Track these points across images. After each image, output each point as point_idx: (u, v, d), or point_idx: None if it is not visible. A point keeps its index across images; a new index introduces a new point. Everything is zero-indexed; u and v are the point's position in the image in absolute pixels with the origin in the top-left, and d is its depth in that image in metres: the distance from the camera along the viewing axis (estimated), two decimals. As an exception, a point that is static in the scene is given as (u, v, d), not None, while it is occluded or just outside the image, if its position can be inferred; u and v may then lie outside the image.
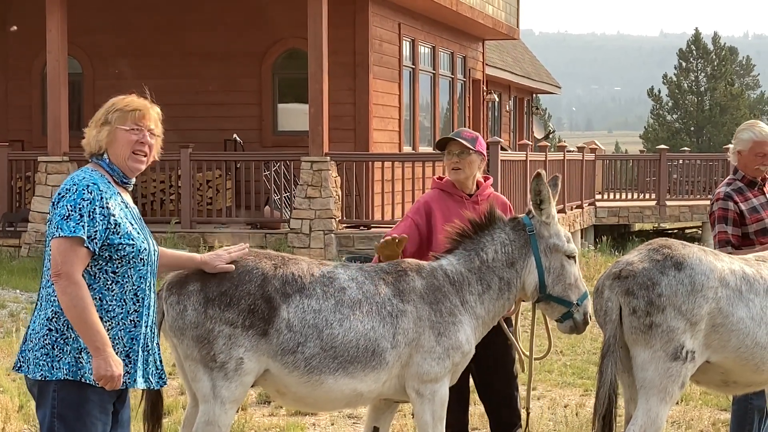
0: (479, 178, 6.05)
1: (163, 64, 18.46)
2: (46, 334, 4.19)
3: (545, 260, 5.38)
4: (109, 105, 4.40)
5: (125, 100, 4.44)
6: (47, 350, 4.18)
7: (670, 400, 5.20)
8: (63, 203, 4.17)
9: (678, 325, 5.14)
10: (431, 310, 5.13)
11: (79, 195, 4.18)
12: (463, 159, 5.91)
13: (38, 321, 4.23)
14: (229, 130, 17.76)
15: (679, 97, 63.59)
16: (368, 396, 5.13)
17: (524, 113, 34.75)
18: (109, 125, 4.35)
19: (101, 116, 4.38)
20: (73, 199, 4.17)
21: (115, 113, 4.37)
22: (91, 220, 4.16)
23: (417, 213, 5.93)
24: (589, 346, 10.59)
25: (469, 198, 5.96)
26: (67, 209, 4.15)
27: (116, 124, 4.36)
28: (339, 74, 17.31)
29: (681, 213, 24.51)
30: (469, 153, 5.90)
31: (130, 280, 4.28)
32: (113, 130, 4.34)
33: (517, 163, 18.06)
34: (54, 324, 4.19)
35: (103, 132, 4.33)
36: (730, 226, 6.30)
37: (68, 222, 4.13)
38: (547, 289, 5.37)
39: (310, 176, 15.95)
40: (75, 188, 4.20)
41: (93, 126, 4.37)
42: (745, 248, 6.27)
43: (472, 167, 5.93)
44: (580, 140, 33.65)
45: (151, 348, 4.39)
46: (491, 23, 23.10)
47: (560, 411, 8.09)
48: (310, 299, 4.96)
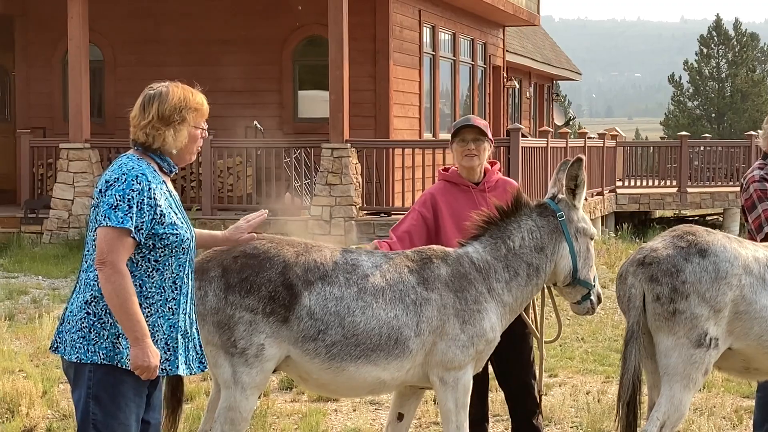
0: (486, 165, 6.02)
1: (183, 50, 18.48)
2: (83, 318, 4.23)
3: (576, 244, 5.37)
4: (179, 101, 4.36)
5: (196, 98, 4.42)
6: (84, 333, 4.22)
7: (694, 387, 5.19)
8: (112, 192, 4.19)
9: (702, 312, 5.13)
10: (456, 298, 5.11)
11: (128, 185, 4.19)
12: (478, 146, 5.89)
13: (76, 304, 4.27)
14: (249, 117, 17.77)
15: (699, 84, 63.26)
16: (391, 384, 5.12)
17: (544, 100, 34.65)
18: (186, 124, 4.35)
19: (173, 114, 4.33)
20: (122, 188, 4.18)
21: (190, 112, 4.36)
22: (139, 211, 4.19)
23: (423, 205, 5.88)
24: (610, 333, 10.57)
25: (476, 186, 5.93)
26: (115, 199, 4.17)
27: (192, 124, 4.38)
28: (359, 61, 17.29)
29: (702, 200, 24.41)
30: (483, 140, 5.89)
31: (170, 269, 4.31)
32: (189, 129, 4.37)
33: (538, 150, 18.02)
34: (92, 308, 4.23)
35: (183, 132, 4.34)
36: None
37: (116, 212, 4.16)
38: (578, 273, 5.37)
39: (330, 163, 15.95)
40: (124, 178, 4.21)
41: (162, 123, 4.32)
42: None
43: (485, 154, 5.92)
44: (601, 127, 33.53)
45: (190, 334, 4.41)
46: (512, 9, 23.03)
47: (582, 397, 8.08)
48: (332, 286, 4.95)
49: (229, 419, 4.88)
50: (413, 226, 5.80)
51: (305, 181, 16.64)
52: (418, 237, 5.75)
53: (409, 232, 5.78)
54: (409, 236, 5.75)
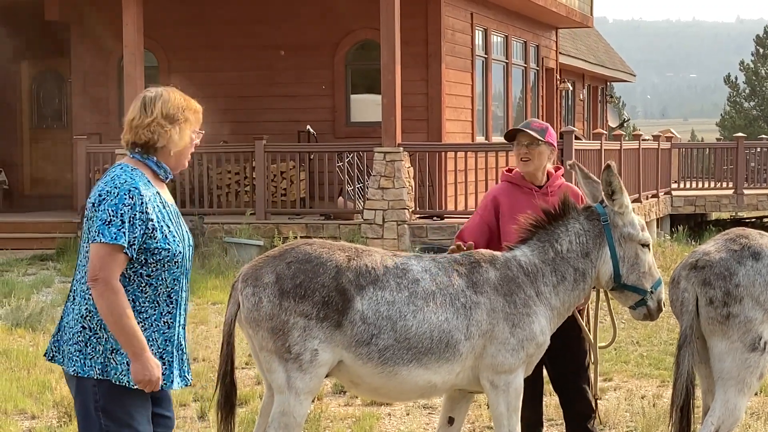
0: (550, 169, 6.02)
1: (236, 56, 18.62)
2: (79, 332, 4.23)
3: (620, 249, 5.34)
4: (181, 102, 4.33)
5: (195, 103, 4.40)
6: (80, 347, 4.22)
7: (749, 392, 5.14)
8: (104, 206, 4.15)
9: (756, 316, 5.08)
10: (505, 302, 5.12)
11: (121, 200, 4.14)
12: (533, 150, 5.88)
13: (72, 316, 4.27)
14: (302, 122, 17.87)
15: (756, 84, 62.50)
16: (442, 387, 5.13)
17: (598, 102, 34.43)
18: (189, 125, 4.33)
19: (177, 112, 4.29)
20: (114, 203, 4.14)
21: (191, 113, 4.34)
22: (131, 226, 4.15)
23: (485, 209, 5.91)
24: (665, 337, 10.49)
25: (539, 189, 5.93)
26: (108, 214, 4.13)
27: (194, 126, 4.36)
28: (411, 65, 17.31)
29: (759, 201, 24.10)
30: (539, 144, 5.88)
31: (164, 283, 4.28)
32: (191, 132, 4.35)
33: (592, 152, 17.91)
34: (87, 323, 4.22)
35: (186, 132, 4.32)
36: None
37: (110, 228, 4.12)
38: (622, 279, 5.34)
39: (383, 167, 15.98)
40: (117, 192, 4.16)
41: (167, 120, 4.26)
42: None
43: (541, 158, 5.91)
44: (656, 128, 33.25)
45: (183, 346, 4.42)
46: (564, 11, 22.92)
47: (637, 402, 8.03)
48: (383, 291, 4.97)
49: (283, 424, 4.90)
50: (474, 230, 5.84)
51: (358, 185, 16.68)
52: (481, 241, 5.79)
53: (472, 235, 5.83)
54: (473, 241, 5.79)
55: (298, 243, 5.16)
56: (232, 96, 18.50)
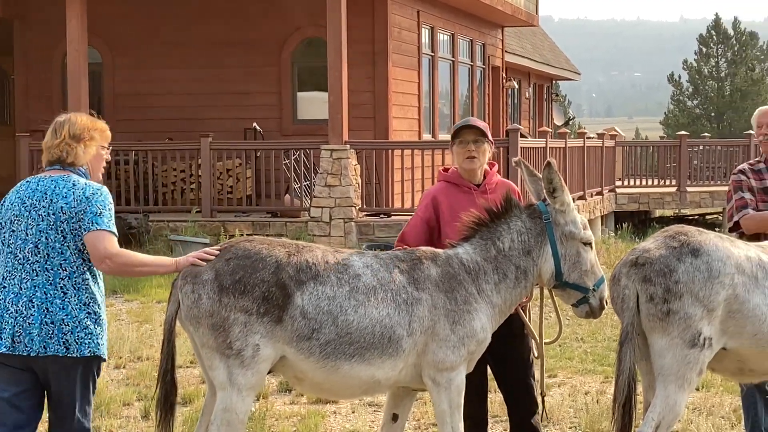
0: (485, 167, 6.03)
1: (182, 53, 18.50)
2: (85, 317, 4.82)
3: (561, 247, 5.37)
4: (87, 123, 5.00)
5: (100, 123, 5.07)
6: (90, 330, 4.83)
7: (689, 387, 5.20)
8: (94, 202, 4.82)
9: (695, 312, 5.13)
10: (446, 299, 5.14)
11: (106, 197, 4.88)
12: (479, 147, 5.90)
13: (71, 307, 4.80)
14: (249, 119, 17.79)
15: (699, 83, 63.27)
16: (385, 383, 5.15)
17: (544, 100, 34.66)
18: (94, 142, 5.00)
19: (83, 132, 4.96)
20: (101, 200, 4.85)
21: (97, 132, 5.02)
22: (116, 219, 4.92)
23: (425, 210, 5.89)
24: (609, 333, 10.59)
25: (477, 188, 5.94)
26: (98, 207, 4.82)
27: (99, 142, 5.03)
28: (358, 62, 17.31)
29: (701, 199, 24.40)
30: (483, 141, 5.90)
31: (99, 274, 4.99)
32: (97, 147, 5.02)
33: (537, 150, 18.03)
34: (91, 308, 4.86)
35: (92, 148, 4.99)
36: (746, 193, 6.45)
37: (101, 218, 4.81)
38: (564, 276, 5.37)
39: (329, 164, 15.97)
40: (100, 192, 4.88)
41: (74, 140, 4.93)
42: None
43: (485, 156, 5.93)
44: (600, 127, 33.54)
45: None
46: (510, 10, 23.04)
47: (581, 398, 8.09)
48: (324, 286, 4.97)
49: (226, 421, 4.89)
50: (415, 231, 5.83)
51: (304, 183, 16.66)
52: (421, 241, 5.76)
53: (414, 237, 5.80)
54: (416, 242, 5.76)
55: (238, 240, 5.15)
56: (177, 93, 18.39)
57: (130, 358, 9.38)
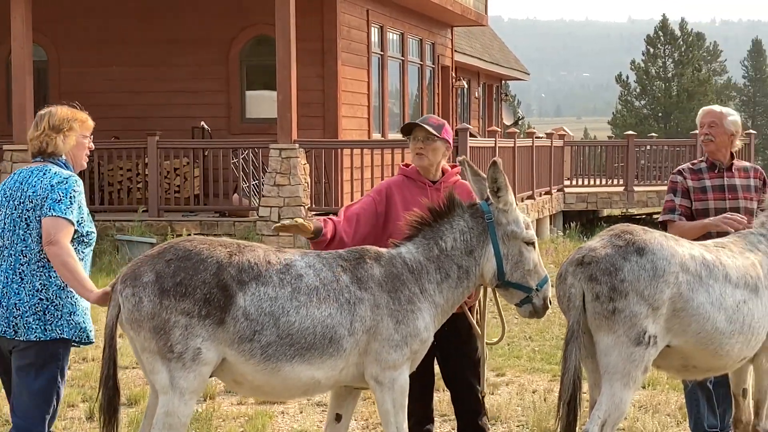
0: (446, 166, 6.04)
1: (129, 51, 18.35)
2: (36, 303, 5.09)
3: (503, 247, 5.37)
4: (66, 114, 5.25)
5: (81, 114, 5.30)
6: (39, 316, 5.09)
7: (634, 385, 5.22)
8: (57, 190, 5.08)
9: (640, 310, 5.16)
10: (389, 298, 5.12)
11: (71, 186, 5.10)
12: (428, 145, 5.89)
13: (24, 293, 5.08)
14: (196, 118, 17.66)
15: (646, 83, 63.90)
16: (326, 383, 5.12)
17: (493, 100, 34.79)
18: (74, 132, 5.23)
19: (62, 123, 5.21)
20: (65, 188, 5.09)
21: (77, 122, 5.25)
22: (79, 207, 5.13)
23: (378, 193, 5.90)
24: (557, 332, 10.63)
25: (433, 185, 5.95)
26: (59, 195, 5.06)
27: (79, 132, 5.26)
28: (307, 61, 17.25)
29: (648, 198, 24.62)
30: (434, 140, 5.89)
31: (86, 259, 5.26)
32: (77, 136, 5.25)
33: (486, 150, 18.08)
34: (44, 294, 5.10)
35: (71, 138, 5.23)
36: (678, 197, 6.61)
37: (60, 205, 5.05)
38: (506, 276, 5.36)
39: (278, 164, 15.90)
40: (67, 180, 5.11)
41: (53, 131, 5.19)
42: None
43: (436, 154, 5.92)
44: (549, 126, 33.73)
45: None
46: (460, 9, 23.09)
47: (528, 396, 8.12)
48: (266, 287, 4.92)
49: (168, 425, 4.83)
50: (363, 210, 5.82)
51: (253, 182, 16.57)
52: (365, 222, 5.77)
53: (359, 214, 5.80)
54: (357, 218, 5.78)
55: (178, 240, 5.08)
56: (124, 91, 18.22)
57: (74, 359, 9.26)
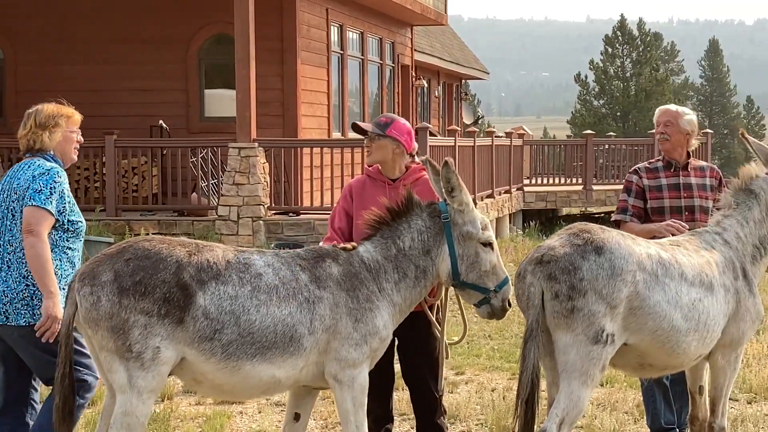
0: (410, 164, 6.03)
1: (87, 49, 18.20)
2: (24, 289, 5.35)
3: (459, 247, 5.37)
4: (52, 111, 5.50)
5: (66, 109, 5.54)
6: (27, 301, 5.35)
7: (592, 383, 5.24)
8: (38, 181, 5.32)
9: (599, 309, 5.18)
10: (348, 297, 5.14)
11: (52, 177, 5.34)
12: (373, 143, 5.91)
13: (11, 280, 5.36)
14: (154, 117, 17.54)
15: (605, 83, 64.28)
16: (286, 382, 5.12)
17: (453, 99, 34.86)
18: (59, 128, 5.48)
19: (48, 120, 5.46)
20: (46, 179, 5.33)
21: (62, 118, 5.50)
22: (60, 197, 5.34)
23: (344, 200, 5.97)
24: (516, 330, 10.66)
25: (392, 183, 5.94)
26: (40, 185, 5.31)
27: (65, 127, 5.50)
28: (266, 60, 17.18)
29: (607, 197, 24.77)
30: (379, 138, 5.89)
31: (76, 249, 5.48)
32: (63, 132, 5.49)
33: (446, 149, 18.10)
34: (30, 280, 5.33)
35: (57, 134, 5.48)
36: (631, 197, 6.70)
37: (40, 195, 5.29)
38: (461, 276, 5.37)
39: (237, 163, 15.83)
40: (48, 172, 5.35)
41: (39, 128, 5.45)
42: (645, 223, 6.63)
43: (382, 151, 5.92)
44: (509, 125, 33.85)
45: None
46: (419, 9, 23.10)
47: (487, 395, 8.13)
48: (226, 286, 4.93)
49: (126, 424, 4.81)
50: (341, 221, 5.89)
51: (212, 181, 16.49)
52: (347, 231, 5.85)
53: (341, 228, 5.87)
54: (341, 232, 5.86)
55: (137, 239, 5.07)
56: (82, 89, 18.02)
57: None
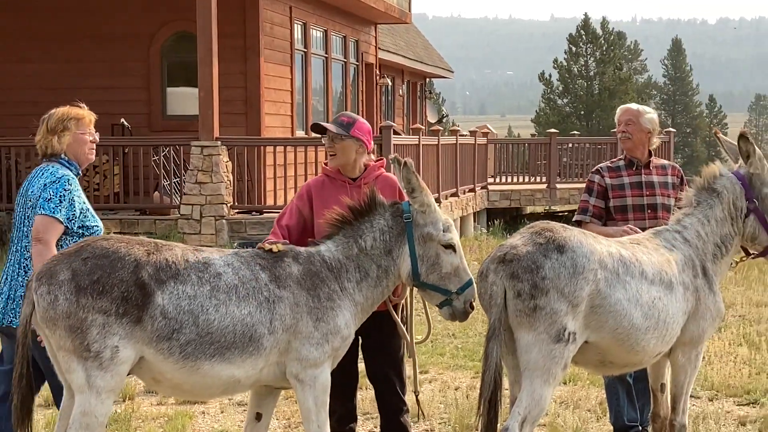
0: (369, 161, 5.99)
1: (48, 46, 18.05)
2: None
3: (419, 248, 5.36)
4: (62, 115, 5.60)
5: (77, 111, 5.63)
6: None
7: (554, 382, 5.24)
8: (48, 189, 5.45)
9: (561, 308, 5.18)
10: (308, 296, 5.12)
11: (62, 185, 5.46)
12: (337, 144, 5.88)
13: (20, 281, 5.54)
14: (116, 115, 17.41)
15: (569, 82, 64.60)
16: (246, 382, 5.09)
17: (417, 97, 34.87)
18: (68, 131, 5.58)
19: (57, 124, 5.57)
20: (56, 188, 5.45)
21: (71, 121, 5.60)
22: (70, 205, 5.46)
23: (300, 199, 5.89)
24: (480, 329, 10.66)
25: (353, 182, 5.91)
26: (50, 194, 5.44)
27: (75, 130, 5.59)
28: (229, 58, 17.11)
29: (571, 195, 24.86)
30: (343, 138, 5.86)
31: None
32: (72, 134, 5.58)
33: (410, 147, 18.09)
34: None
35: (66, 137, 5.58)
36: (593, 197, 6.78)
37: (50, 203, 5.41)
38: (421, 277, 5.36)
39: (200, 161, 15.75)
40: (59, 180, 5.48)
41: (50, 133, 5.57)
42: (609, 222, 6.72)
43: (346, 152, 5.88)
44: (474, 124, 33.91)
45: None
46: (383, 7, 23.08)
47: (451, 393, 8.13)
48: (185, 285, 4.90)
49: (85, 425, 4.77)
50: (291, 219, 5.82)
51: (174, 180, 16.39)
52: (296, 230, 5.78)
53: (288, 225, 5.81)
54: (288, 229, 5.78)
55: (95, 238, 5.03)
56: (43, 88, 17.89)
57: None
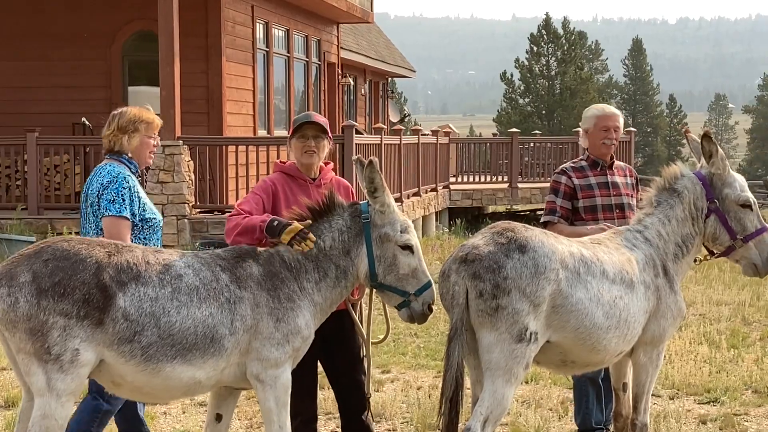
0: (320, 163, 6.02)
1: (8, 45, 17.90)
2: None
3: (377, 249, 5.35)
4: (134, 116, 5.75)
5: (148, 115, 5.80)
6: None
7: (516, 381, 5.27)
8: (109, 190, 5.61)
9: (522, 307, 5.20)
10: (269, 297, 5.12)
11: (120, 185, 5.62)
12: (319, 143, 5.88)
13: None
14: (77, 114, 17.31)
15: (530, 81, 64.86)
16: (207, 384, 5.08)
17: (379, 97, 34.88)
18: (138, 133, 5.75)
19: (128, 125, 5.73)
20: (115, 188, 5.62)
21: (142, 124, 5.76)
22: (131, 202, 5.64)
23: (265, 192, 5.83)
24: (442, 328, 10.69)
25: (313, 182, 5.93)
26: (112, 195, 5.61)
27: (144, 133, 5.78)
28: (191, 57, 17.04)
29: (532, 195, 24.97)
30: (323, 138, 5.88)
31: (152, 244, 5.68)
32: (141, 137, 5.76)
33: (372, 147, 18.09)
34: None
35: (136, 139, 5.76)
36: (559, 198, 6.72)
37: (114, 204, 5.59)
38: (378, 278, 5.36)
39: (161, 161, 15.69)
40: (116, 180, 5.63)
41: (120, 132, 5.72)
42: (577, 222, 6.68)
43: (323, 152, 5.92)
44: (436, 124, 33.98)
45: None
46: (345, 6, 23.07)
47: (413, 393, 8.15)
48: (146, 287, 4.88)
49: (45, 428, 4.73)
50: (252, 209, 5.72)
51: (136, 179, 16.28)
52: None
53: (251, 212, 5.72)
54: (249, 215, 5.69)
55: (55, 240, 4.99)
56: (3, 86, 17.76)
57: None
